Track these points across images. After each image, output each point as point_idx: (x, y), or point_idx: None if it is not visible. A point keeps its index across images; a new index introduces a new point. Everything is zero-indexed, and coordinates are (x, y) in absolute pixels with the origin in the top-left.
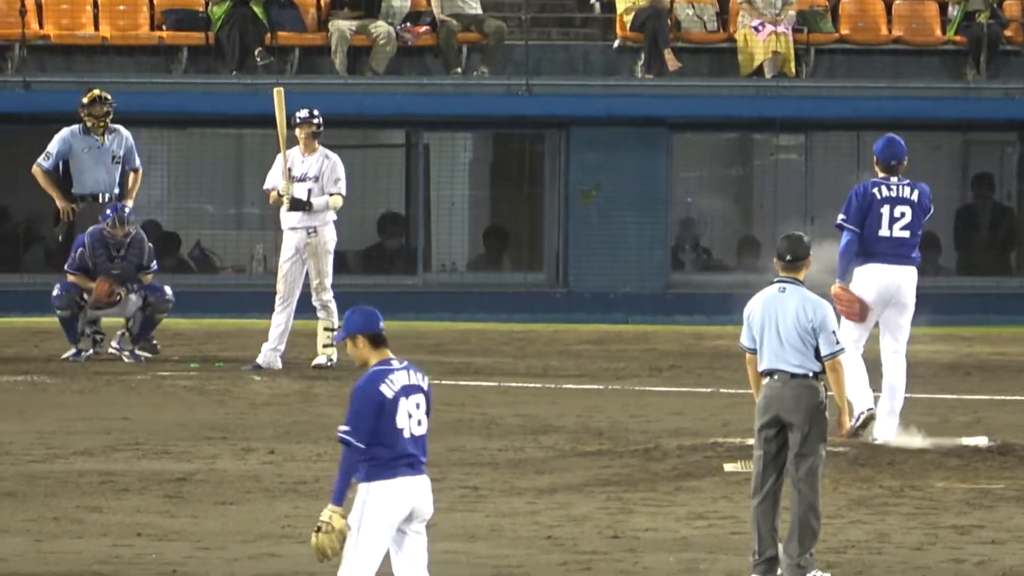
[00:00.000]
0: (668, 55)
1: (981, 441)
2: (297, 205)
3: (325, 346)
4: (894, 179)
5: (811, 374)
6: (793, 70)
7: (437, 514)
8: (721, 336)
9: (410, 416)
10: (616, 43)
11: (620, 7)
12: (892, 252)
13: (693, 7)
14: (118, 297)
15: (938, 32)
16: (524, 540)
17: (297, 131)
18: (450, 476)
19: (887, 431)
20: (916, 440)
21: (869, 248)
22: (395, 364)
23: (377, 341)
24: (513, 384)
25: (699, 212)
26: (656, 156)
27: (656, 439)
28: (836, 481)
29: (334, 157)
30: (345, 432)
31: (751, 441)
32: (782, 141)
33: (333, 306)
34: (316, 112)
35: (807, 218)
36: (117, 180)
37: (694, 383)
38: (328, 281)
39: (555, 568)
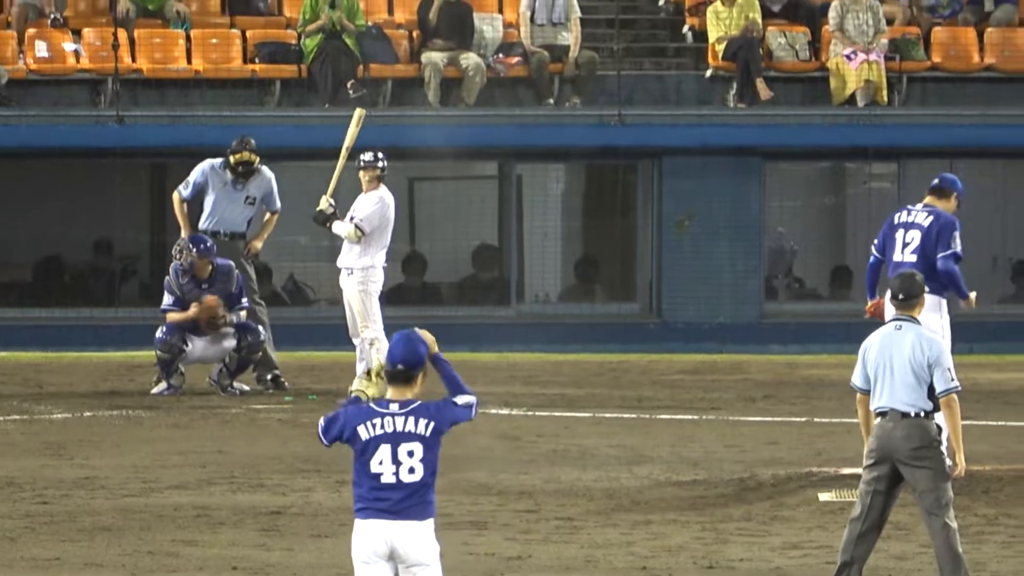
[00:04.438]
0: (760, 84)
1: None
2: (320, 218)
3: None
4: (919, 205)
5: (922, 413)
6: (885, 98)
7: (532, 545)
8: (815, 365)
9: (398, 464)
10: (708, 73)
11: (712, 37)
12: None
13: (785, 36)
14: (223, 315)
15: None
16: (620, 571)
17: (360, 173)
18: (545, 507)
19: None
20: None
21: (889, 273)
22: (393, 408)
23: (393, 377)
24: (607, 415)
25: (792, 241)
26: (749, 185)
27: (751, 469)
28: None
29: (379, 198)
30: (320, 426)
31: (846, 471)
32: (875, 170)
33: (378, 344)
34: (381, 155)
35: None
36: (247, 219)
37: (788, 412)
38: (368, 321)
39: None
